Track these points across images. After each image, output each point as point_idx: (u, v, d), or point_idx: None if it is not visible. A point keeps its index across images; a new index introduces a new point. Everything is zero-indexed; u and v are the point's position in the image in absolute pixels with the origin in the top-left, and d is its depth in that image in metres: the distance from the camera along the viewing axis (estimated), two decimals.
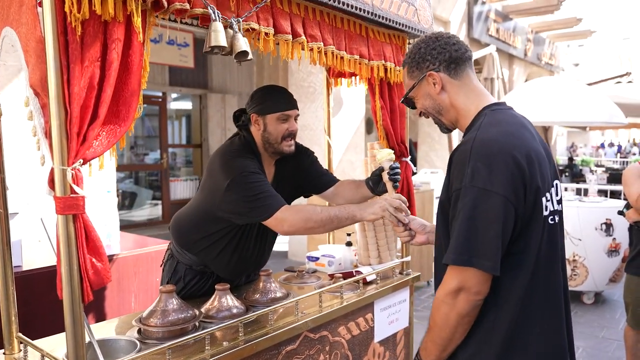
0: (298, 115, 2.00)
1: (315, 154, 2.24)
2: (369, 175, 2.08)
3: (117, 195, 8.86)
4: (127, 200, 9.14)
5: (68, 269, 1.15)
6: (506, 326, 1.23)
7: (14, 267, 2.27)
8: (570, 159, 11.82)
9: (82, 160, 1.14)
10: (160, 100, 8.99)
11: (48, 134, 1.14)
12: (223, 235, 1.97)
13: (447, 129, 1.47)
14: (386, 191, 1.93)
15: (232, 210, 1.85)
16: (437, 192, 6.42)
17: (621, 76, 8.54)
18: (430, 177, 6.70)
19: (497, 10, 9.46)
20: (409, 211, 1.79)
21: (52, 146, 1.13)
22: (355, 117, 6.19)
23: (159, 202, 9.16)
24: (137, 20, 1.19)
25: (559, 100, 5.70)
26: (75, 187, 1.13)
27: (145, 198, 9.38)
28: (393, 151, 1.98)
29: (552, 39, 12.62)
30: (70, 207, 1.13)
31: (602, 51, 21.63)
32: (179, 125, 10.50)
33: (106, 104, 1.17)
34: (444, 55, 1.37)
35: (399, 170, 1.94)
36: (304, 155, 2.18)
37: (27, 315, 2.13)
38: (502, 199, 1.16)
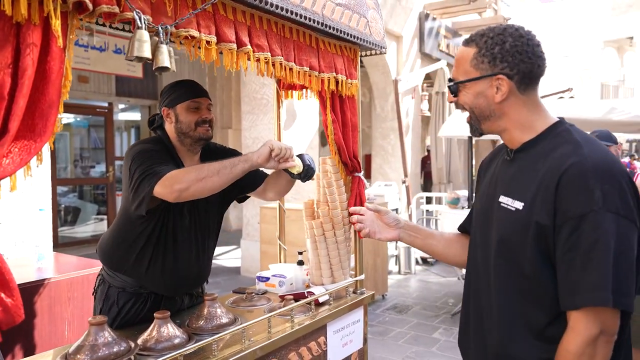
0: (210, 104, 1.93)
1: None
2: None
3: (59, 211, 8.44)
4: (69, 216, 8.67)
5: None
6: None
7: None
8: None
9: None
10: (106, 111, 8.62)
11: None
12: (147, 239, 1.84)
13: (480, 133, 1.31)
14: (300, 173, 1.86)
15: (134, 195, 1.70)
16: (392, 204, 6.43)
17: (563, 92, 8.92)
18: (385, 189, 6.71)
19: (447, 26, 9.70)
20: (294, 154, 1.79)
21: None
22: (309, 130, 6.13)
23: (105, 217, 8.74)
24: (56, 23, 1.06)
25: None
26: None
27: (89, 213, 8.94)
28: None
29: None
30: None
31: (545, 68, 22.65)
32: (128, 137, 10.11)
33: (18, 116, 1.03)
34: (527, 66, 1.19)
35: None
36: (230, 153, 2.08)
37: None
38: (634, 226, 1.06)
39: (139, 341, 1.58)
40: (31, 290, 2.34)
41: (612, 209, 1.03)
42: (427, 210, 7.58)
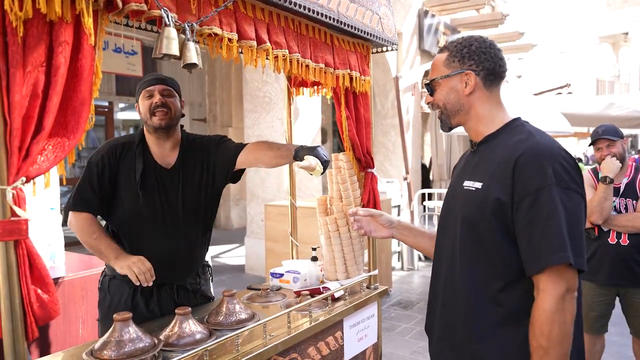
0: (166, 89, 1.93)
1: (225, 137, 2.12)
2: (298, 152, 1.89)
3: (60, 211, 8.39)
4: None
5: (9, 303, 1.00)
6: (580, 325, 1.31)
7: None
8: None
9: (24, 179, 1.00)
10: (106, 110, 8.61)
11: None
12: (117, 224, 1.98)
13: (449, 128, 1.48)
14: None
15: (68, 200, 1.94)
16: (395, 201, 6.45)
17: (561, 87, 8.97)
18: (387, 186, 6.73)
19: (446, 23, 9.72)
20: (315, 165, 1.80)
21: None
22: (312, 126, 6.13)
23: None
24: (88, 21, 1.07)
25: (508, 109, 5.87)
26: (16, 209, 0.99)
27: None
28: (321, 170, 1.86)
29: None
30: (12, 232, 0.99)
31: (541, 64, 22.81)
32: None
33: (52, 114, 1.04)
34: (490, 64, 1.38)
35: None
36: (207, 142, 2.08)
37: None
38: (581, 198, 1.23)
39: (162, 336, 1.60)
40: None
41: (562, 184, 1.20)
42: (428, 207, 7.60)
